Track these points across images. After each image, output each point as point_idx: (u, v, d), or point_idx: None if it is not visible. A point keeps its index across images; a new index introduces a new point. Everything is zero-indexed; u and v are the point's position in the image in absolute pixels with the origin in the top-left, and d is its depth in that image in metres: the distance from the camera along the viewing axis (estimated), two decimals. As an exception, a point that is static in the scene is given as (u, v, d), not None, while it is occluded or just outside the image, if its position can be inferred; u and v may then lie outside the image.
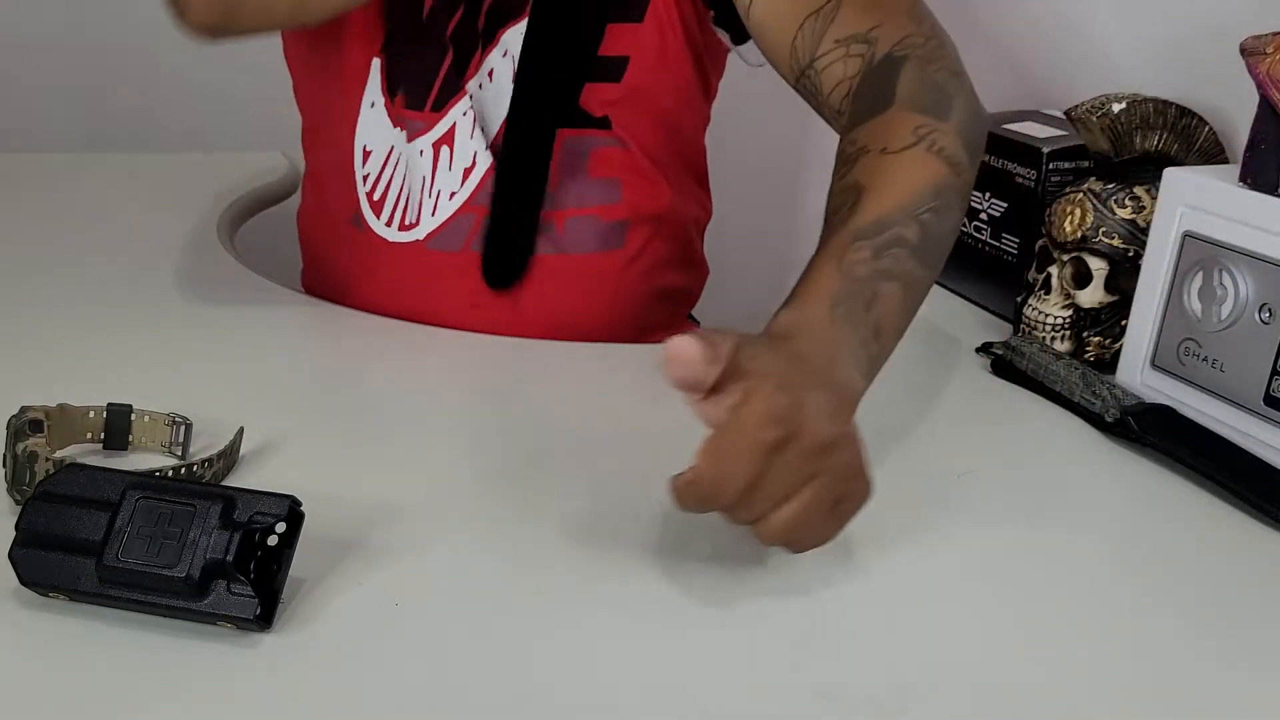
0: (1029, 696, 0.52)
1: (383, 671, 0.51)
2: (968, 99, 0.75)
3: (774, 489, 0.52)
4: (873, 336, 0.61)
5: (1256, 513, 0.68)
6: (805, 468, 0.53)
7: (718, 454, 0.51)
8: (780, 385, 0.53)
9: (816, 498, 0.53)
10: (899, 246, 0.64)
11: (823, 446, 0.53)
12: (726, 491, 0.51)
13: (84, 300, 0.91)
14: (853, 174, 0.69)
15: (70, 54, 1.63)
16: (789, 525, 0.53)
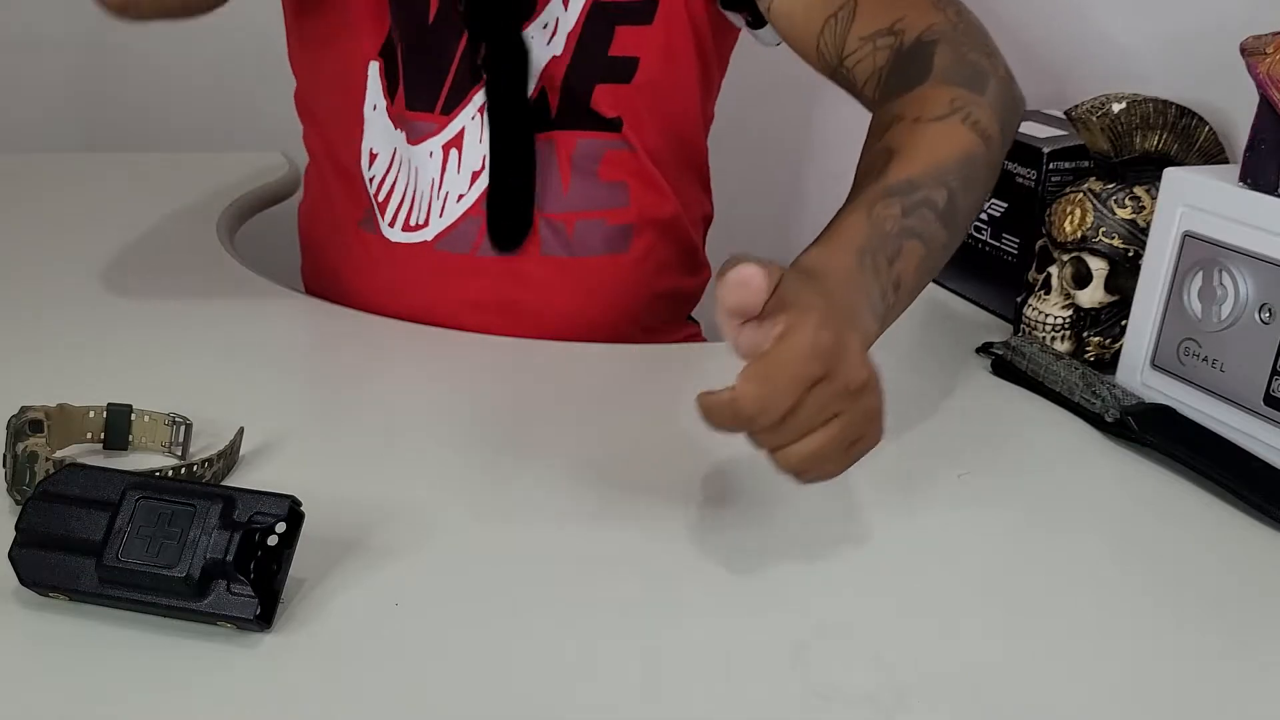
0: (1029, 696, 0.52)
1: (383, 671, 0.51)
2: (1002, 80, 0.76)
3: (803, 421, 0.54)
4: (892, 289, 0.63)
5: (1256, 513, 0.68)
6: (835, 405, 0.55)
7: (764, 379, 0.53)
8: (823, 322, 0.55)
9: (839, 435, 0.56)
10: (926, 208, 0.66)
11: (855, 388, 0.55)
12: (767, 416, 0.53)
13: (84, 300, 0.91)
14: (886, 139, 0.71)
15: (70, 54, 1.63)
16: (808, 458, 0.55)
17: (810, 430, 0.55)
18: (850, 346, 0.56)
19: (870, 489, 0.69)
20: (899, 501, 0.68)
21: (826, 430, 0.55)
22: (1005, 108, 0.74)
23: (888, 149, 0.70)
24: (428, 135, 0.90)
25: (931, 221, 0.66)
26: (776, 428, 0.54)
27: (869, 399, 0.57)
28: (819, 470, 0.57)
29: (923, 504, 0.68)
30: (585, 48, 0.89)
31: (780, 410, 0.53)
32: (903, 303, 0.66)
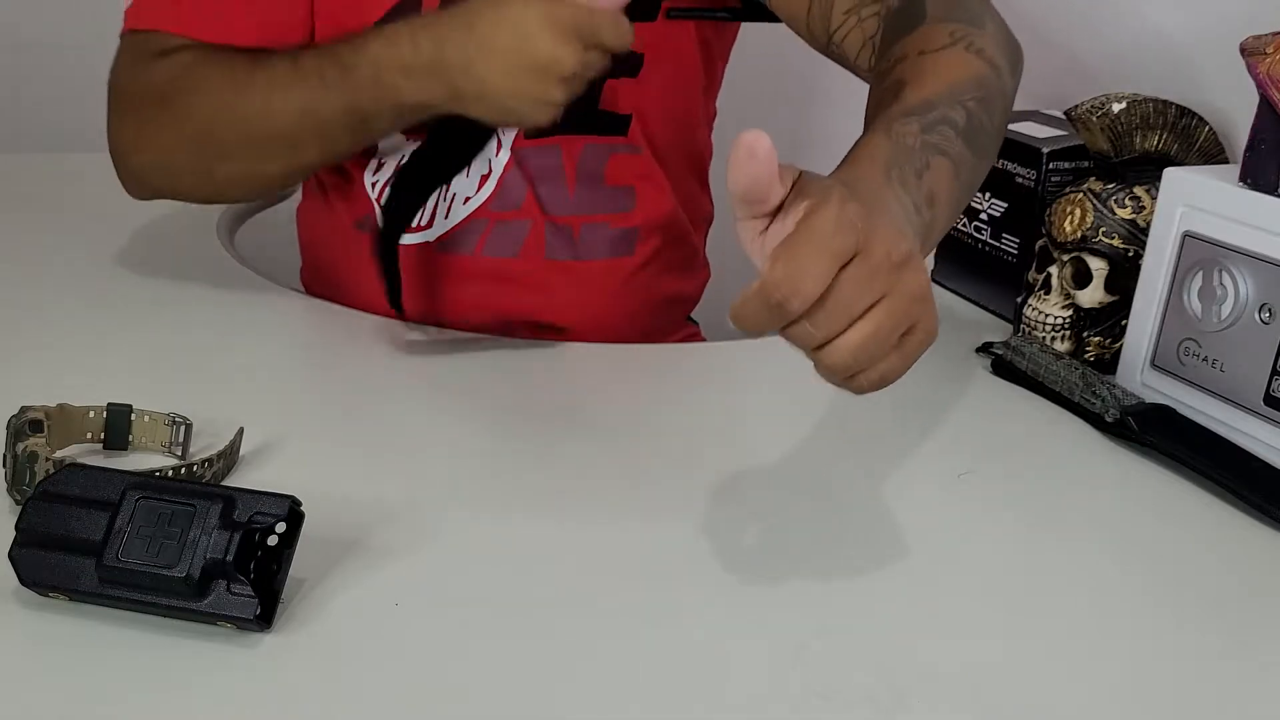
0: (1029, 696, 0.52)
1: (383, 671, 0.51)
2: (998, 21, 0.76)
3: (843, 305, 0.49)
4: (926, 204, 0.60)
5: (1256, 513, 0.68)
6: (876, 284, 0.50)
7: (791, 258, 0.48)
8: (849, 196, 0.51)
9: (887, 320, 0.50)
10: (946, 125, 0.64)
11: (894, 262, 0.50)
12: (800, 297, 0.48)
13: (84, 300, 0.91)
14: (892, 76, 0.69)
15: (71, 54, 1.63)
16: (856, 349, 0.50)
17: (853, 317, 0.50)
18: (884, 222, 0.51)
19: (870, 489, 0.69)
20: (899, 501, 0.68)
21: (873, 316, 0.50)
22: (1008, 43, 0.74)
23: (897, 82, 0.67)
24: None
25: (954, 139, 0.64)
26: (815, 315, 0.49)
27: (913, 276, 0.51)
28: (874, 368, 0.52)
29: (923, 504, 0.68)
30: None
31: (813, 289, 0.48)
32: (941, 219, 0.62)
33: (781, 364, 0.87)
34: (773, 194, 0.51)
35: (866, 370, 0.52)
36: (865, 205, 0.51)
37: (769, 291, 0.48)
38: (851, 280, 0.49)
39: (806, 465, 0.72)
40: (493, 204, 0.91)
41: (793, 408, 0.80)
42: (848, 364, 0.51)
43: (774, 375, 0.85)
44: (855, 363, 0.51)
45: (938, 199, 0.61)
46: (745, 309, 0.48)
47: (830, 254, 0.48)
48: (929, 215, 0.60)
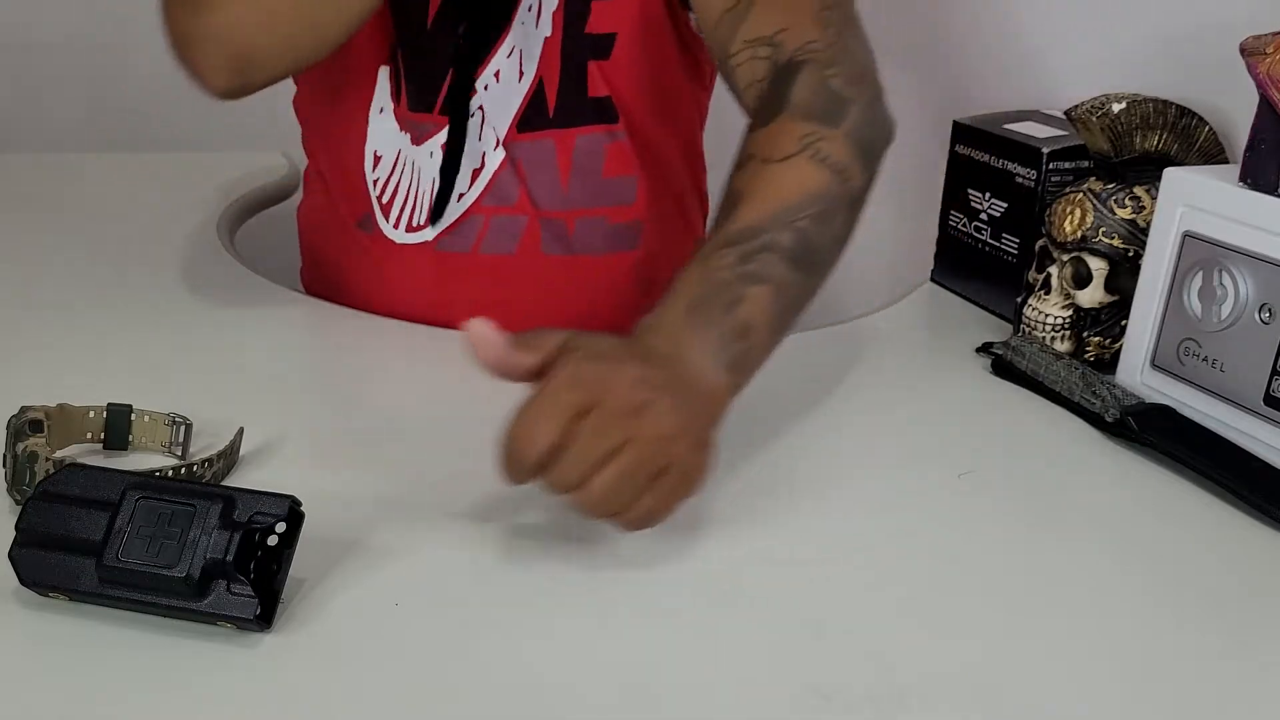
0: (1029, 696, 0.52)
1: (383, 671, 0.51)
2: (866, 106, 0.75)
3: (584, 453, 0.54)
4: (736, 335, 0.63)
5: (1256, 513, 0.68)
6: (614, 432, 0.55)
7: (523, 416, 0.55)
8: (591, 356, 0.57)
9: (630, 464, 0.55)
10: (770, 252, 0.66)
11: (628, 410, 0.55)
12: (533, 449, 0.54)
13: (84, 300, 0.91)
14: (735, 181, 0.71)
15: (71, 54, 1.63)
16: (605, 492, 0.55)
17: (596, 464, 0.55)
18: (623, 373, 0.57)
19: (870, 489, 0.69)
20: (899, 501, 0.68)
21: (617, 461, 0.55)
22: (863, 137, 0.74)
23: (736, 193, 0.70)
24: (428, 135, 0.90)
25: (776, 264, 0.66)
26: (558, 466, 0.55)
27: (652, 422, 0.56)
28: (626, 507, 0.56)
29: (923, 504, 0.68)
30: (569, 26, 0.89)
31: (543, 443, 0.54)
32: (763, 344, 0.66)
33: (781, 364, 0.87)
34: (519, 365, 0.58)
35: (627, 511, 0.56)
36: (607, 362, 0.57)
37: (504, 446, 0.55)
38: (588, 430, 0.54)
39: (806, 465, 0.72)
40: (487, 199, 0.91)
41: (793, 408, 0.80)
42: (600, 506, 0.56)
43: (774, 375, 0.85)
44: (608, 504, 0.56)
45: (754, 328, 0.64)
46: (501, 463, 0.55)
47: (561, 409, 0.55)
48: (741, 346, 0.63)
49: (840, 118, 0.73)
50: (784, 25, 0.79)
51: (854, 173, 0.72)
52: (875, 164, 0.75)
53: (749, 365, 0.65)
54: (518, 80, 0.89)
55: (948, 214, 1.02)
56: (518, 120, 0.90)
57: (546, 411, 0.55)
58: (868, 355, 0.90)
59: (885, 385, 0.85)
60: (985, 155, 0.97)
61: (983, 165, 0.97)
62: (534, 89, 0.90)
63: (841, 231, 0.72)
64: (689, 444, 0.57)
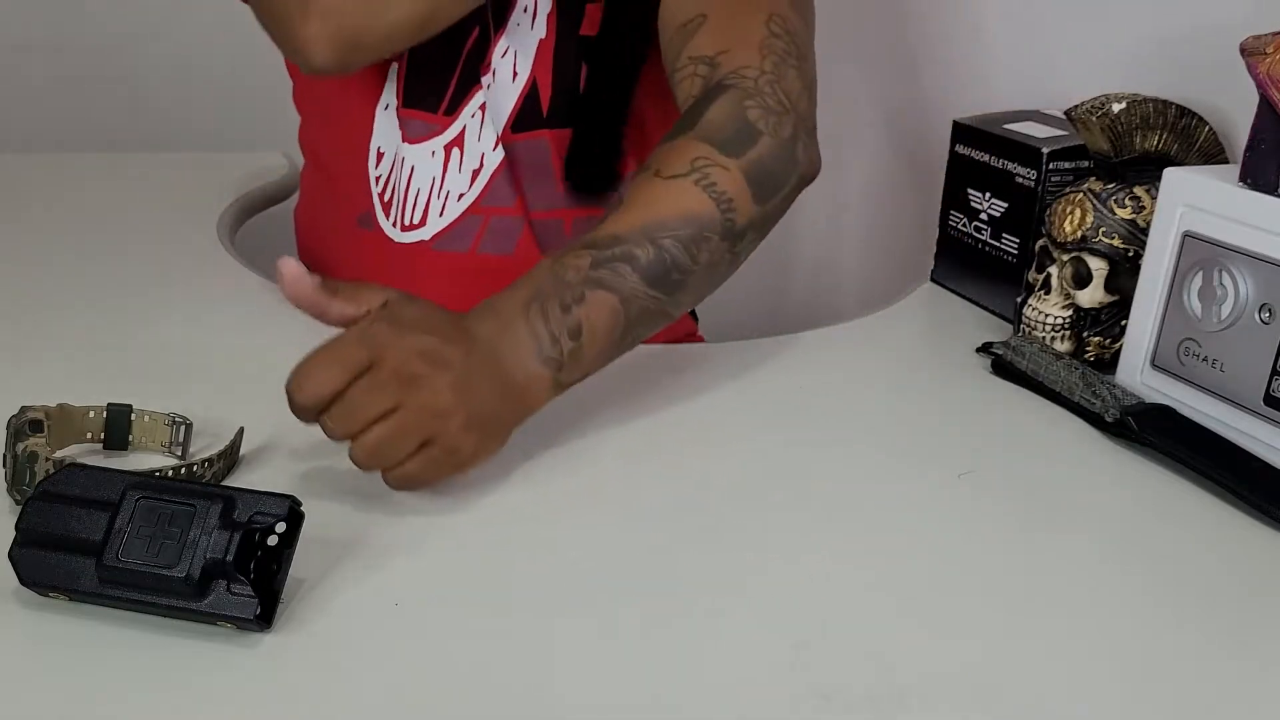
0: (1028, 696, 0.52)
1: (383, 671, 0.51)
2: (778, 142, 0.76)
3: (355, 406, 0.59)
4: (568, 335, 0.66)
5: (1256, 513, 0.68)
6: (385, 394, 0.59)
7: (309, 359, 0.60)
8: (391, 318, 0.62)
9: (398, 427, 0.59)
10: (625, 263, 0.68)
11: (402, 378, 0.59)
12: (304, 395, 0.59)
13: (84, 300, 0.91)
14: (626, 189, 0.73)
15: (70, 54, 1.63)
16: (371, 449, 0.60)
17: (366, 420, 0.59)
18: (410, 343, 0.60)
19: (870, 489, 0.69)
20: (899, 501, 0.68)
21: (385, 423, 0.59)
22: (764, 172, 0.74)
23: (620, 199, 0.72)
24: (430, 135, 0.91)
25: (629, 275, 0.68)
26: (334, 413, 0.59)
27: (424, 394, 0.60)
28: (398, 468, 0.61)
29: (923, 504, 0.68)
30: (563, 30, 0.90)
31: (315, 390, 0.59)
32: (597, 349, 0.68)
33: (781, 365, 0.87)
34: (335, 311, 0.63)
35: (392, 469, 0.61)
36: (402, 330, 0.61)
37: (289, 385, 0.60)
38: (361, 387, 0.59)
39: (806, 464, 0.72)
40: (485, 200, 0.91)
41: (792, 407, 0.80)
42: (364, 461, 0.60)
43: (774, 375, 0.85)
44: (372, 460, 0.60)
45: (588, 330, 0.67)
46: (288, 399, 0.60)
47: (338, 363, 0.59)
48: (572, 345, 0.67)
49: (743, 149, 0.74)
50: (726, 48, 0.80)
51: (741, 205, 0.73)
52: (772, 200, 0.75)
53: (576, 366, 0.67)
54: (512, 81, 0.90)
55: (948, 214, 1.02)
56: (512, 120, 0.90)
57: (327, 360, 0.60)
58: (868, 355, 0.90)
59: (885, 385, 0.85)
60: (985, 155, 0.97)
61: (983, 165, 0.97)
62: (528, 89, 0.90)
63: (713, 259, 0.73)
64: (460, 424, 0.61)
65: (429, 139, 0.91)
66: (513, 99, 0.90)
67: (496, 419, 0.64)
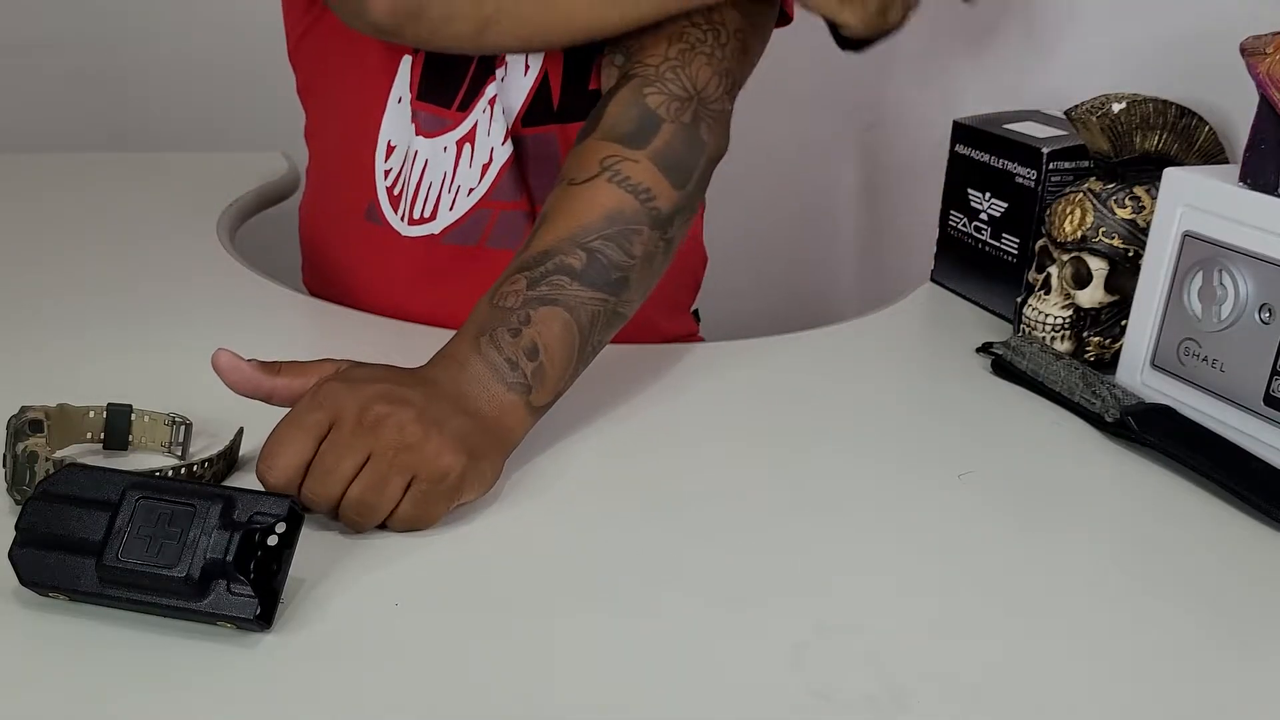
0: (1028, 697, 0.52)
1: (383, 671, 0.51)
2: (684, 127, 0.76)
3: (326, 469, 0.58)
4: (525, 356, 0.67)
5: (1256, 513, 0.68)
6: (355, 446, 0.59)
7: (270, 441, 0.59)
8: (341, 378, 0.61)
9: (376, 474, 0.59)
10: (560, 274, 0.69)
11: (365, 425, 0.59)
12: (276, 469, 0.58)
13: (84, 300, 0.91)
14: (545, 205, 0.74)
15: (70, 55, 1.63)
16: (357, 505, 0.59)
17: (344, 478, 0.58)
18: (363, 392, 0.60)
19: (870, 489, 0.69)
20: (899, 501, 0.68)
21: (363, 474, 0.59)
22: (674, 158, 0.75)
23: (540, 216, 0.73)
24: (444, 130, 0.90)
25: (569, 285, 0.69)
26: (312, 484, 0.58)
27: (393, 434, 0.59)
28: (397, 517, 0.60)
29: (923, 504, 0.68)
30: None
31: (286, 460, 0.58)
32: (559, 363, 0.68)
33: (781, 365, 0.87)
34: (276, 391, 0.63)
35: (391, 519, 0.60)
36: (353, 385, 0.60)
37: (259, 468, 0.59)
38: (327, 449, 0.59)
39: (806, 465, 0.72)
40: (493, 194, 0.91)
41: (792, 407, 0.80)
42: (357, 519, 0.59)
43: (773, 375, 0.85)
44: (363, 517, 0.60)
45: (547, 346, 0.68)
46: (261, 481, 0.59)
47: (300, 430, 0.59)
48: (531, 365, 0.67)
49: (647, 139, 0.75)
50: (639, 42, 0.81)
51: (660, 192, 0.74)
52: (689, 182, 0.76)
53: (545, 385, 0.68)
54: (523, 74, 0.90)
55: (948, 214, 1.02)
56: (522, 114, 0.90)
57: (288, 433, 0.59)
58: (868, 355, 0.90)
59: (885, 385, 0.85)
60: (985, 155, 0.97)
61: (983, 165, 0.97)
62: (539, 83, 0.90)
63: (647, 250, 0.73)
64: (435, 449, 0.60)
65: (442, 133, 0.91)
66: (524, 93, 0.90)
67: (476, 442, 0.63)
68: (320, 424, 0.59)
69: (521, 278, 0.69)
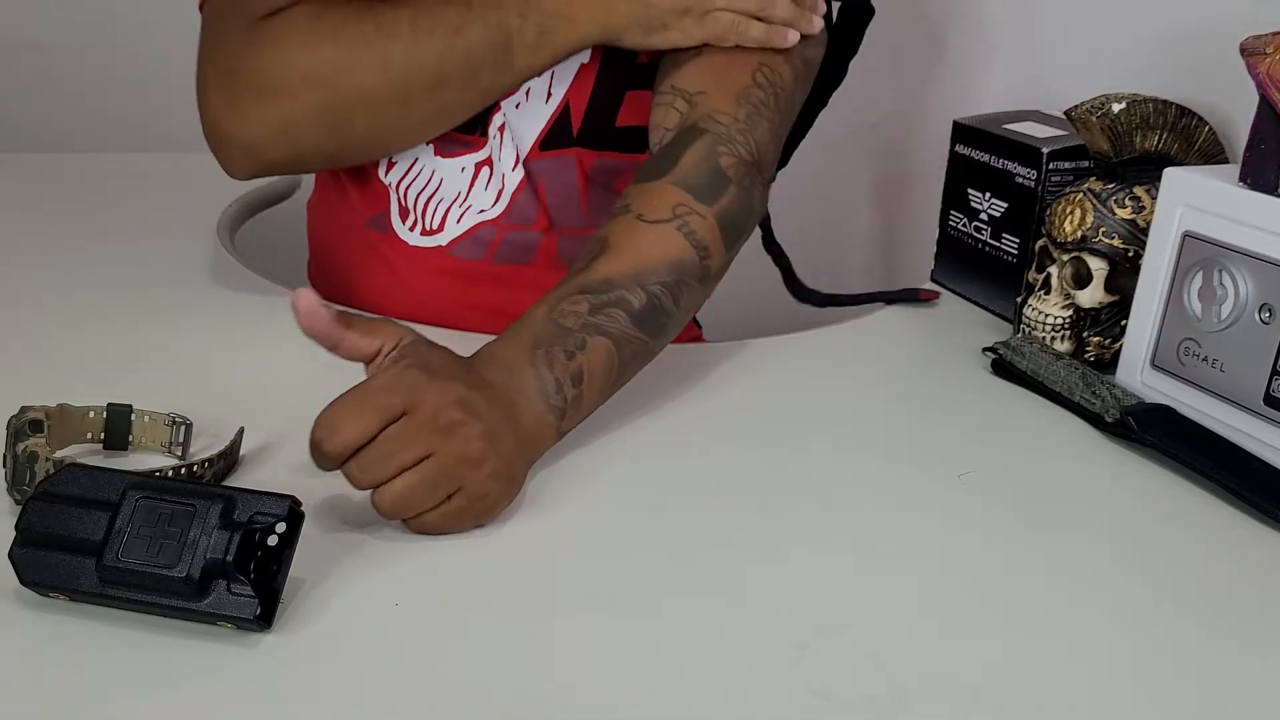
0: (1028, 697, 0.52)
1: (383, 671, 0.51)
2: (743, 191, 0.78)
3: (386, 454, 0.57)
4: (572, 381, 0.66)
5: (1256, 513, 0.68)
6: (419, 443, 0.57)
7: (335, 407, 0.58)
8: (420, 365, 0.60)
9: (427, 476, 0.58)
10: (619, 308, 0.69)
11: (438, 426, 0.58)
12: (332, 442, 0.57)
13: (84, 300, 0.91)
14: (607, 228, 0.74)
15: (70, 54, 1.63)
16: (398, 496, 0.58)
17: (396, 468, 0.57)
18: (443, 390, 0.59)
19: (870, 489, 0.69)
20: (899, 501, 0.68)
21: (415, 471, 0.58)
22: (732, 221, 0.76)
23: (603, 239, 0.73)
24: (463, 152, 0.90)
25: (622, 321, 0.69)
26: (360, 461, 0.57)
27: (459, 443, 0.58)
28: (418, 515, 0.59)
29: (923, 504, 0.68)
30: (612, 55, 0.88)
31: (346, 437, 0.57)
32: (593, 396, 0.68)
33: (781, 365, 0.87)
34: (351, 344, 0.61)
35: (413, 519, 0.60)
36: (432, 376, 0.59)
37: (314, 432, 0.57)
38: (393, 436, 0.57)
39: (806, 465, 0.72)
40: (506, 218, 0.91)
41: (793, 407, 0.80)
42: (390, 509, 0.59)
43: (774, 375, 0.85)
44: (398, 508, 0.59)
45: (591, 377, 0.67)
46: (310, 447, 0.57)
47: (371, 409, 0.57)
48: (574, 392, 0.66)
49: (716, 197, 0.76)
50: (706, 89, 0.82)
51: (714, 252, 0.75)
52: (736, 247, 0.78)
53: (577, 413, 0.68)
54: (545, 102, 0.89)
55: (948, 214, 1.02)
56: (541, 138, 0.90)
57: (357, 409, 0.57)
58: (868, 355, 0.90)
59: (885, 385, 0.85)
60: (985, 155, 0.97)
61: (983, 165, 0.97)
62: (560, 111, 0.89)
63: (691, 303, 0.75)
64: (489, 472, 0.60)
65: (462, 155, 0.90)
66: (544, 118, 0.89)
67: (515, 468, 0.63)
68: (393, 409, 0.58)
69: (584, 300, 0.69)
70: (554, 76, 0.89)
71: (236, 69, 0.80)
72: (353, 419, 0.57)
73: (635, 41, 0.83)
